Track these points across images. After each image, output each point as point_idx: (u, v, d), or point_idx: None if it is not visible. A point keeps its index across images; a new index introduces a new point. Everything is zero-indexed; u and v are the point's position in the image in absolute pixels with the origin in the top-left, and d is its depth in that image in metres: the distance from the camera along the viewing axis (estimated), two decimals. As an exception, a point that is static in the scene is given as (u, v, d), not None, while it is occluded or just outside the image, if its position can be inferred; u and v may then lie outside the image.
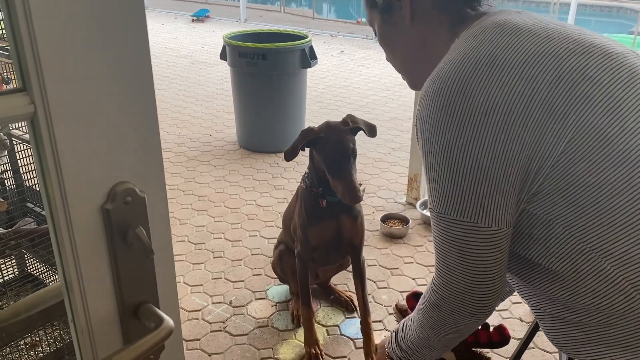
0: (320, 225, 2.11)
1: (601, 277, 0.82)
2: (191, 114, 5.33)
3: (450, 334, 0.96)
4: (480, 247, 0.84)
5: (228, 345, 2.26)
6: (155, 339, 0.60)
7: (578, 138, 0.78)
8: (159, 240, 0.63)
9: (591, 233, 0.81)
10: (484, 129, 0.78)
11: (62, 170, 0.56)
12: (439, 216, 0.87)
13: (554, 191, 0.81)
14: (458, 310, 0.90)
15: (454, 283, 0.88)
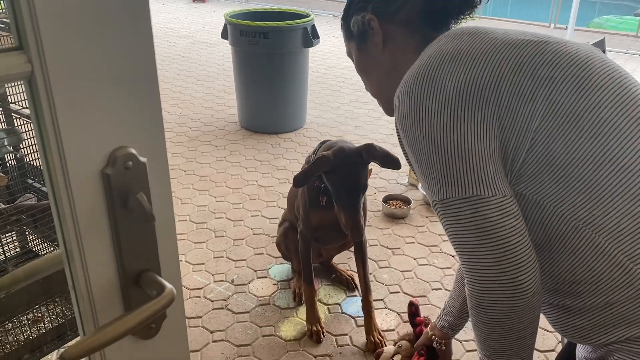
0: (321, 210, 2.10)
1: (598, 253, 0.82)
2: (192, 94, 5.30)
3: (508, 335, 0.89)
4: (493, 218, 0.82)
5: (230, 323, 2.27)
6: (157, 306, 0.59)
7: (549, 117, 0.82)
8: (160, 207, 0.62)
9: (581, 209, 0.82)
10: (461, 110, 0.82)
11: (60, 133, 0.54)
12: (444, 204, 0.86)
13: (538, 171, 0.83)
14: (498, 298, 0.85)
15: (482, 269, 0.84)
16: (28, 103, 0.58)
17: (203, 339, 2.18)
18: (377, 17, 1.00)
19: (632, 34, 8.16)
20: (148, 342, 0.69)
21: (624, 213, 0.80)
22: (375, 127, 4.45)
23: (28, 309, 1.68)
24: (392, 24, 1.00)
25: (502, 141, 0.83)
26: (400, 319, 2.32)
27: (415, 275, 2.61)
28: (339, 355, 2.12)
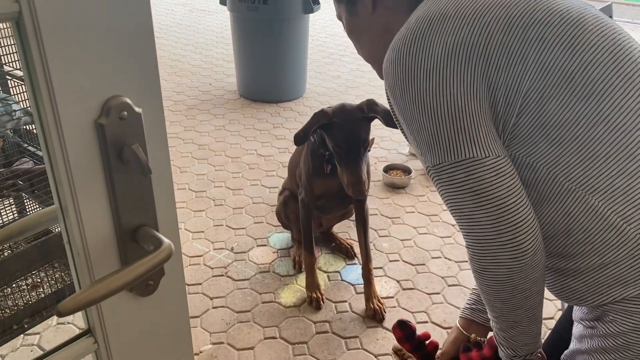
0: (325, 179, 2.08)
1: (591, 214, 0.82)
2: (190, 62, 5.22)
3: (514, 295, 0.88)
4: (488, 180, 0.81)
5: (230, 290, 2.28)
6: (154, 260, 0.57)
7: (541, 78, 0.80)
8: (156, 160, 0.60)
9: (575, 170, 0.81)
10: (449, 72, 0.80)
11: (51, 80, 0.52)
12: (438, 169, 0.84)
13: (531, 133, 0.82)
14: (499, 260, 0.84)
15: (481, 232, 0.83)
16: (17, 48, 0.55)
17: (203, 305, 2.19)
18: None
19: (638, 4, 8.03)
20: (146, 299, 0.68)
21: (617, 173, 0.80)
22: (377, 96, 4.38)
23: (27, 274, 1.68)
24: None
25: (493, 102, 0.82)
26: (400, 286, 2.32)
27: (415, 244, 2.61)
28: (338, 322, 2.13)
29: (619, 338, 0.86)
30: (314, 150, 2.06)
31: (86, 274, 0.60)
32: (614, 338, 0.86)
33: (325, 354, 1.97)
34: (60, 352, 0.64)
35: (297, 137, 1.88)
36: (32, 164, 1.63)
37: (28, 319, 1.62)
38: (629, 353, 0.85)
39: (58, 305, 0.52)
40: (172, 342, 0.75)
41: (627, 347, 0.85)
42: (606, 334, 0.88)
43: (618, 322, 0.85)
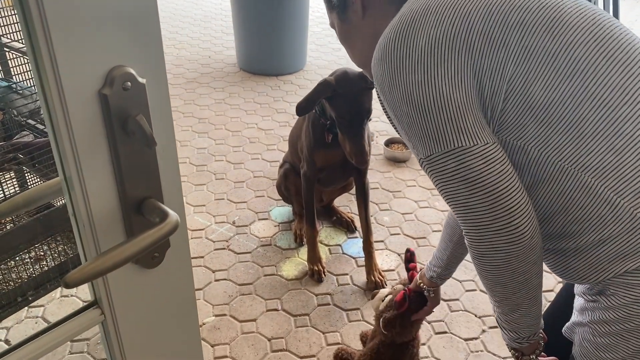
0: (327, 150, 2.08)
1: (585, 191, 0.83)
2: (189, 34, 5.16)
3: (513, 278, 0.89)
4: (478, 167, 0.82)
5: (232, 263, 2.29)
6: (160, 232, 0.57)
7: (524, 61, 0.81)
8: (160, 132, 0.60)
9: (565, 149, 0.82)
10: (433, 64, 0.82)
11: (54, 49, 0.51)
12: (430, 161, 0.86)
13: (519, 116, 0.83)
14: (496, 245, 0.85)
15: (476, 219, 0.84)
16: (18, 18, 0.54)
17: (205, 278, 2.20)
18: None
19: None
20: (152, 271, 0.68)
21: (607, 149, 0.81)
22: (377, 69, 4.36)
23: (30, 247, 1.69)
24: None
25: (479, 90, 0.83)
26: (400, 259, 2.34)
27: (416, 218, 2.62)
28: (339, 294, 2.15)
29: (619, 310, 0.87)
30: (315, 121, 2.05)
31: (92, 246, 0.60)
32: (615, 310, 0.87)
33: (327, 325, 2.00)
34: (67, 323, 0.64)
35: (300, 107, 1.86)
36: (33, 137, 1.62)
37: (32, 291, 1.63)
38: (629, 325, 0.86)
39: (65, 277, 0.52)
40: (178, 314, 0.75)
41: (628, 318, 0.86)
42: (607, 306, 0.89)
43: (619, 295, 0.86)
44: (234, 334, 1.95)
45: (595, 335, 0.92)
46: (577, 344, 0.99)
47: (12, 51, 1.58)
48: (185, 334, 0.78)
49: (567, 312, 1.05)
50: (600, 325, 0.91)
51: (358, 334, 1.95)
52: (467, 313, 2.06)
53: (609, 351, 0.91)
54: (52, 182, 0.64)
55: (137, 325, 0.71)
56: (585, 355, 0.96)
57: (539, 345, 1.04)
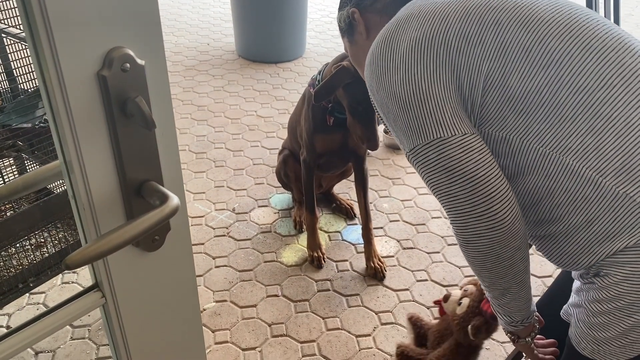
0: (326, 134, 2.07)
1: (568, 174, 0.86)
2: (187, 21, 5.13)
3: (498, 264, 0.92)
4: (456, 156, 0.86)
5: (232, 249, 2.30)
6: (160, 215, 0.57)
7: (500, 56, 0.86)
8: (160, 114, 0.59)
9: (545, 135, 0.86)
10: (414, 63, 0.88)
11: (52, 30, 0.51)
12: (414, 153, 0.90)
13: (499, 108, 0.88)
14: (479, 231, 0.88)
15: (458, 206, 0.88)
16: (16, 1, 0.54)
17: (206, 264, 2.21)
18: (358, 9, 1.11)
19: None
20: (152, 254, 0.68)
21: (586, 131, 0.84)
22: (377, 56, 4.34)
23: (30, 234, 1.69)
24: (371, 13, 1.10)
25: (459, 85, 0.88)
26: (400, 246, 2.34)
27: (415, 204, 2.62)
28: (339, 280, 2.16)
29: (611, 289, 0.89)
30: (314, 104, 2.04)
31: (92, 229, 0.60)
32: (607, 289, 0.90)
33: (327, 310, 2.01)
34: (68, 305, 0.65)
35: (319, 94, 1.85)
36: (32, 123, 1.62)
37: (33, 278, 1.63)
38: (620, 303, 0.88)
39: (65, 259, 0.52)
40: (178, 297, 0.76)
41: (619, 297, 0.88)
42: (600, 286, 0.91)
43: (610, 275, 0.89)
44: (234, 319, 1.96)
45: (589, 315, 0.94)
46: (573, 325, 1.01)
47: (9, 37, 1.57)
48: (186, 316, 0.78)
49: (566, 293, 1.06)
50: (594, 305, 0.93)
51: (357, 319, 1.96)
52: (466, 299, 2.07)
53: (602, 330, 0.93)
54: (52, 165, 0.64)
55: (138, 308, 0.72)
56: (580, 336, 0.98)
57: (534, 328, 1.06)
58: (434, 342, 1.60)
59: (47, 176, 0.64)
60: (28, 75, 1.64)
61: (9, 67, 1.63)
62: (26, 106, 1.64)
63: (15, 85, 1.66)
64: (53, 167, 0.64)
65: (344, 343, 1.88)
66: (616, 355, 0.93)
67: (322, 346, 1.87)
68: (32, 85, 1.70)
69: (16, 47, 1.58)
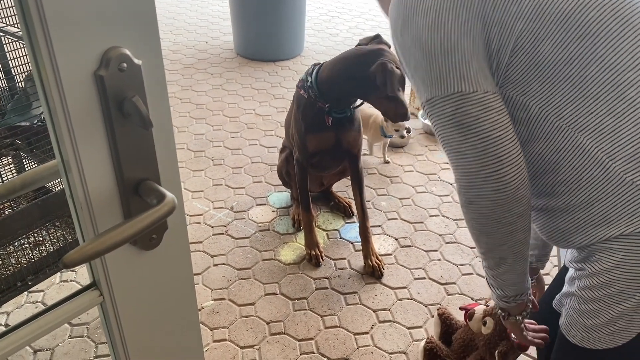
0: (319, 134, 2.08)
1: (578, 152, 0.85)
2: (186, 20, 5.12)
3: (498, 229, 0.91)
4: (474, 114, 0.84)
5: (230, 248, 2.30)
6: (157, 214, 0.58)
7: (536, 18, 0.82)
8: (157, 113, 0.60)
9: (566, 108, 0.84)
10: (445, 10, 0.83)
11: (49, 30, 0.51)
12: (431, 103, 0.87)
13: (525, 72, 0.85)
14: (483, 192, 0.87)
15: (467, 164, 0.86)
16: (14, 1, 0.54)
17: (204, 262, 2.22)
18: None
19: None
20: (150, 253, 0.68)
21: (606, 112, 0.82)
22: (375, 54, 4.34)
23: (28, 232, 1.69)
24: None
25: (487, 41, 0.84)
26: (398, 244, 2.35)
27: (413, 203, 2.63)
28: (337, 278, 2.16)
29: (602, 275, 0.90)
30: (307, 106, 2.04)
31: (90, 228, 0.61)
32: (598, 276, 0.90)
33: (325, 309, 2.01)
34: (67, 304, 0.65)
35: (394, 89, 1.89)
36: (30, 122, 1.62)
37: (31, 276, 1.64)
38: (611, 290, 0.89)
39: (63, 257, 0.52)
40: (176, 295, 0.76)
41: (610, 283, 0.89)
42: (591, 273, 0.92)
43: (602, 261, 0.89)
44: (232, 317, 1.97)
45: (581, 302, 0.95)
46: (564, 314, 1.01)
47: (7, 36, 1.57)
48: (183, 314, 0.79)
49: None
50: (585, 292, 0.94)
51: (355, 317, 1.97)
52: (463, 296, 2.08)
53: (592, 317, 0.94)
54: (49, 164, 0.64)
55: (135, 307, 0.72)
56: (571, 324, 0.99)
57: (526, 307, 1.06)
58: (457, 349, 1.61)
59: (44, 175, 0.65)
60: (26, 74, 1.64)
61: (7, 65, 1.63)
62: (24, 105, 1.64)
63: (13, 84, 1.66)
64: (51, 166, 0.64)
65: (342, 341, 1.89)
66: (605, 343, 0.94)
67: (320, 344, 1.87)
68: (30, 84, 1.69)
69: (14, 46, 1.58)
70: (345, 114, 2.06)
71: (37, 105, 1.61)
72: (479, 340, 1.53)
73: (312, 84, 2.01)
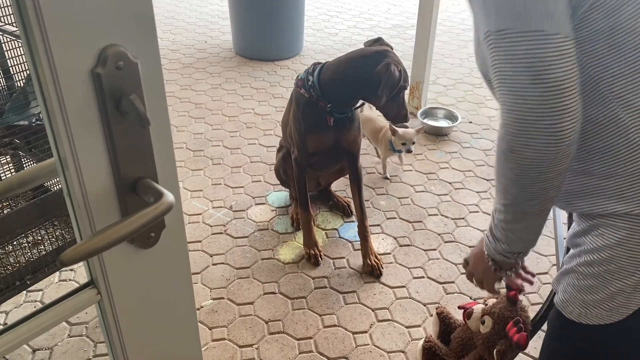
0: (319, 134, 2.08)
1: (614, 126, 0.84)
2: (185, 19, 5.12)
3: (534, 183, 0.84)
4: (550, 58, 0.76)
5: (229, 247, 2.30)
6: (155, 212, 0.58)
7: None
8: (154, 111, 0.60)
9: (619, 81, 0.82)
10: None
11: (46, 28, 0.51)
12: (501, 35, 0.78)
13: (595, 32, 0.80)
14: (533, 143, 0.80)
15: (525, 110, 0.78)
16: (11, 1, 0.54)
17: (203, 262, 2.22)
18: None
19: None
20: (148, 252, 0.68)
21: None
22: (374, 54, 4.33)
23: (27, 232, 1.69)
24: None
25: None
26: (397, 243, 2.35)
27: (412, 202, 2.63)
28: (336, 277, 2.16)
29: (604, 251, 0.90)
30: (308, 106, 2.04)
31: (87, 226, 0.61)
32: (600, 252, 0.91)
33: (324, 308, 2.01)
34: (64, 302, 0.65)
35: (385, 93, 1.96)
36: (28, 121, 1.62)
37: (30, 275, 1.64)
38: (612, 266, 0.90)
39: (60, 255, 0.52)
40: (174, 294, 0.76)
41: (611, 259, 0.90)
42: (592, 248, 0.92)
43: (605, 236, 0.90)
44: (231, 316, 1.97)
45: (580, 278, 0.96)
46: (561, 291, 1.01)
47: (5, 34, 1.57)
48: (181, 313, 0.79)
49: None
50: (585, 267, 0.94)
51: (354, 316, 1.97)
52: (462, 295, 2.08)
53: (590, 293, 0.94)
54: (47, 162, 0.64)
55: (133, 305, 0.72)
56: (568, 301, 0.99)
57: (517, 266, 1.03)
58: (456, 348, 1.62)
59: (42, 173, 0.65)
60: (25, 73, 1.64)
61: (6, 64, 1.63)
62: (23, 103, 1.64)
63: (12, 82, 1.66)
64: (48, 164, 0.64)
65: (341, 340, 1.89)
66: (602, 319, 0.95)
67: (319, 343, 1.87)
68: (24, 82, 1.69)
69: (13, 45, 1.58)
70: (347, 114, 2.06)
71: (36, 104, 1.61)
72: (477, 339, 1.54)
73: (314, 83, 2.00)
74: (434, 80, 3.94)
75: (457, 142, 3.15)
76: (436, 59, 4.27)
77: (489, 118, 3.43)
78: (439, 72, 4.09)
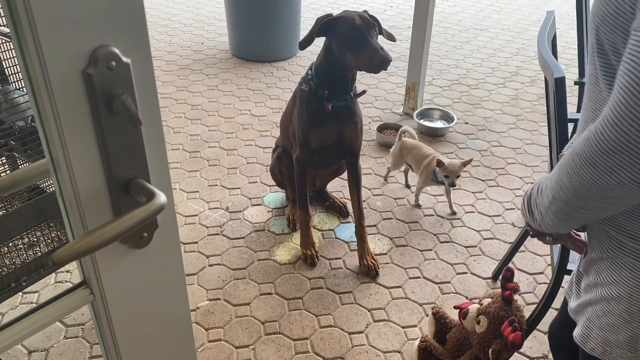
0: (322, 129, 2.08)
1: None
2: (181, 21, 5.12)
3: (596, 201, 0.75)
4: None
5: (225, 248, 2.30)
6: (147, 212, 0.58)
7: None
8: (146, 112, 0.60)
9: None
10: None
11: (37, 29, 0.51)
12: None
13: None
14: (618, 172, 0.69)
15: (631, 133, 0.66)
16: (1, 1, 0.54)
17: (199, 263, 2.22)
18: None
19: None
20: (140, 252, 0.68)
21: None
22: (370, 55, 4.34)
23: (23, 233, 1.69)
24: None
25: None
26: (393, 243, 2.35)
27: (408, 202, 2.63)
28: (332, 278, 2.16)
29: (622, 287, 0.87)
30: (310, 99, 2.05)
31: (79, 226, 0.61)
32: (619, 286, 0.87)
33: (320, 308, 2.02)
34: (57, 302, 0.65)
35: (302, 42, 2.01)
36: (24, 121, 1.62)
37: (26, 277, 1.64)
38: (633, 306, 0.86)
39: (52, 255, 0.52)
40: (168, 294, 0.76)
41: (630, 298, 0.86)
42: (611, 281, 0.89)
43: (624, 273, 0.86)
44: (227, 317, 1.97)
45: (600, 315, 0.91)
46: (581, 325, 0.97)
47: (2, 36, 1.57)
48: (175, 313, 0.79)
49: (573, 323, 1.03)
50: (604, 304, 0.90)
51: (350, 316, 1.97)
52: (457, 295, 2.09)
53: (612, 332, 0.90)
54: (39, 163, 0.64)
55: (126, 305, 0.72)
56: (589, 336, 0.94)
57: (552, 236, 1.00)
58: (452, 348, 1.62)
59: (34, 174, 0.65)
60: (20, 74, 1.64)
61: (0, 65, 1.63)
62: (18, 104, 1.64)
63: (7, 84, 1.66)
64: (40, 165, 0.64)
65: (337, 340, 1.89)
66: (629, 359, 0.89)
67: (315, 343, 1.87)
68: (24, 84, 1.70)
69: (7, 47, 1.58)
70: (347, 101, 2.05)
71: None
72: (473, 339, 1.54)
73: (312, 75, 2.06)
74: (430, 81, 3.95)
75: (453, 143, 3.16)
76: (432, 60, 4.28)
77: (485, 119, 3.44)
78: (435, 73, 4.10)
